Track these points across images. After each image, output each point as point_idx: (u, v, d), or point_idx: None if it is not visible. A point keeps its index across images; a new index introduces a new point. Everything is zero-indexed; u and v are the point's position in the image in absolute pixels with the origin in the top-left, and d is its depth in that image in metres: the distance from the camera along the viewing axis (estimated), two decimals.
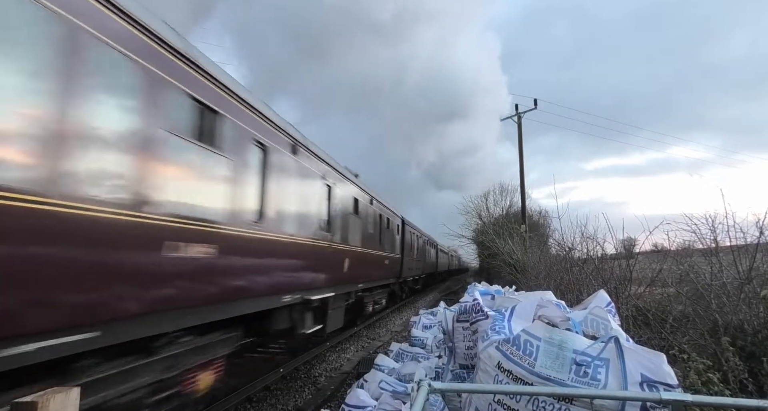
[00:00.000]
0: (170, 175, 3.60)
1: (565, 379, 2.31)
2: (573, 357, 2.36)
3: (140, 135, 3.26)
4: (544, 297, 3.29)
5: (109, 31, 2.95)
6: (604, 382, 2.27)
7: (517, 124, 22.20)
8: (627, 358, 2.32)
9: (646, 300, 5.49)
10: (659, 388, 2.20)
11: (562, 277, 7.25)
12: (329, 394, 6.22)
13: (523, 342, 2.50)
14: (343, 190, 8.93)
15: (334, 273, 8.03)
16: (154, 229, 3.37)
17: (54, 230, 2.58)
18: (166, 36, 3.53)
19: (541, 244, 13.90)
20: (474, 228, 38.41)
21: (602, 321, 2.81)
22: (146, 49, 3.33)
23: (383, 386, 3.96)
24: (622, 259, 6.38)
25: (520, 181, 21.93)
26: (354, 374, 6.93)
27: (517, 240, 14.51)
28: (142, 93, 3.29)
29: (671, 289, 5.49)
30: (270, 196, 5.31)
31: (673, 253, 5.99)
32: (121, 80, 3.14)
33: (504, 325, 2.84)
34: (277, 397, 6.24)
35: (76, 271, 2.74)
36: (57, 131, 2.61)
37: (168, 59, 3.58)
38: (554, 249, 10.22)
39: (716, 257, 4.83)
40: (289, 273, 6.03)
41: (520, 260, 12.24)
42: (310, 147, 6.96)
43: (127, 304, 3.16)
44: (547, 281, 7.76)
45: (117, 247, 3.03)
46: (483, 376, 2.62)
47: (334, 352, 9.24)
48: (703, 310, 4.38)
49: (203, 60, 4.14)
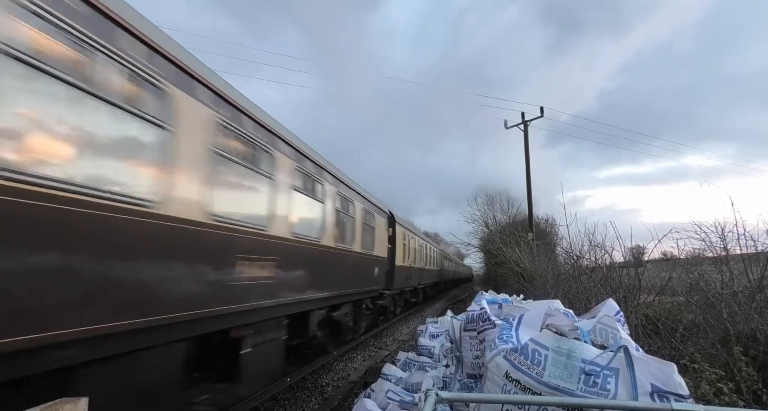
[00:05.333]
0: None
1: (573, 389, 2.29)
2: (582, 366, 2.34)
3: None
4: (552, 306, 3.27)
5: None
6: (614, 392, 2.24)
7: (523, 132, 22.22)
8: (637, 368, 2.30)
9: (655, 309, 5.42)
10: (670, 399, 2.17)
11: (570, 285, 7.19)
12: (336, 404, 6.18)
13: (531, 351, 2.48)
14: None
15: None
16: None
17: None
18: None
19: (548, 252, 13.82)
20: (481, 236, 38.33)
21: (611, 330, 2.78)
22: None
23: (390, 396, 3.94)
24: (631, 267, 6.32)
25: (527, 189, 21.87)
26: (361, 384, 6.89)
27: (525, 248, 14.42)
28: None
29: (681, 297, 5.43)
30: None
31: (683, 261, 5.93)
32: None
33: (511, 334, 2.82)
34: (285, 407, 6.22)
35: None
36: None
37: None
38: (562, 257, 10.16)
39: (726, 265, 4.78)
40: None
41: (527, 268, 12.17)
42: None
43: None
44: (554, 290, 7.70)
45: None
46: (491, 385, 2.60)
47: (341, 361, 9.21)
48: (714, 319, 4.32)
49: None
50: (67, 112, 2.74)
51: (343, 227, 8.33)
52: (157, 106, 3.50)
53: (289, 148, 6.02)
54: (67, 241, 2.70)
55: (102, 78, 2.97)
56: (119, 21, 3.14)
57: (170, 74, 3.69)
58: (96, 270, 2.91)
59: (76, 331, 2.74)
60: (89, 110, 2.89)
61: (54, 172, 2.62)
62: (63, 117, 2.72)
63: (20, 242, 2.44)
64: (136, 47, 3.30)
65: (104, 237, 2.96)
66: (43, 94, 2.60)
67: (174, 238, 3.66)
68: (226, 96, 4.52)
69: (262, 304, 5.10)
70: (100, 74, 2.96)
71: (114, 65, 3.09)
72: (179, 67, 3.81)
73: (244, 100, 5.02)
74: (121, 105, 3.11)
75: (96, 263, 2.90)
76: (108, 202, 2.97)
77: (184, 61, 3.89)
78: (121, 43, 3.16)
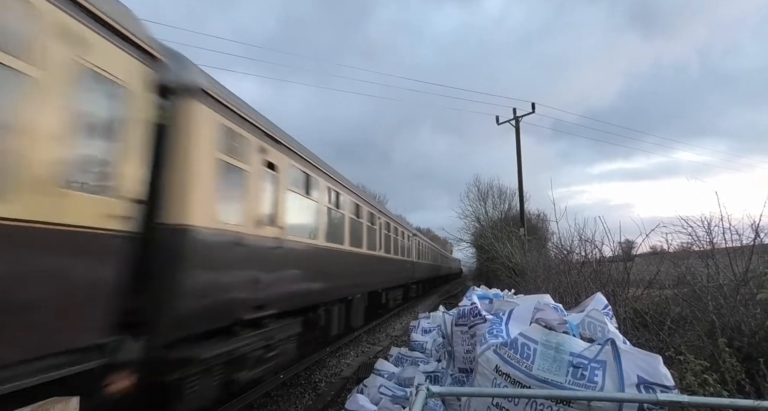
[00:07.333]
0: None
1: (562, 382, 2.33)
2: (570, 360, 2.38)
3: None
4: (542, 300, 3.32)
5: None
6: (601, 384, 2.29)
7: (515, 127, 22.31)
8: (623, 360, 2.35)
9: (644, 302, 5.51)
10: (656, 390, 2.22)
11: (561, 280, 7.27)
12: (329, 400, 6.21)
13: (520, 345, 2.52)
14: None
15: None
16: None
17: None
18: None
19: (540, 247, 13.94)
20: (473, 231, 38.52)
21: (599, 324, 2.83)
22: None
23: (383, 391, 3.98)
24: (620, 261, 6.41)
25: (519, 184, 22.01)
26: (354, 379, 6.92)
27: (516, 243, 14.54)
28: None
29: (669, 291, 5.52)
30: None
31: (670, 255, 6.03)
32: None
33: (502, 328, 2.86)
34: (278, 404, 6.23)
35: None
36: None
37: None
38: (553, 252, 10.26)
39: (712, 259, 4.86)
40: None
41: (519, 263, 12.27)
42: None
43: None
44: (545, 284, 7.78)
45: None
46: (481, 379, 2.64)
47: (334, 357, 9.24)
48: (701, 312, 4.39)
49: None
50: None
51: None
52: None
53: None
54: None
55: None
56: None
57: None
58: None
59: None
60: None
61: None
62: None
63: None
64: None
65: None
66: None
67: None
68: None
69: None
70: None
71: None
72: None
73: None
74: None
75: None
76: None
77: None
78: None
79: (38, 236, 2.59)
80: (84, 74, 2.94)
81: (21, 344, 2.50)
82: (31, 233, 2.54)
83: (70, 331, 2.88)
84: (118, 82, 3.23)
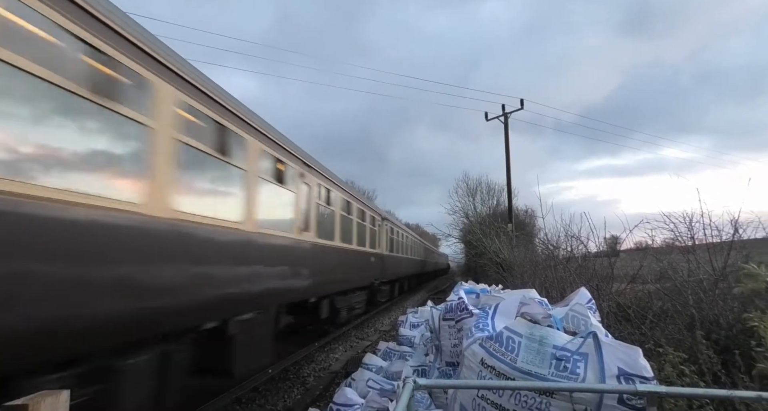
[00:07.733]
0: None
1: (545, 374, 2.39)
2: (553, 352, 2.44)
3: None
4: (527, 295, 3.38)
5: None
6: (583, 376, 2.35)
7: (504, 124, 22.46)
8: (605, 353, 2.41)
9: (627, 296, 5.63)
10: (635, 381, 2.29)
11: (547, 275, 7.38)
12: (318, 394, 6.25)
13: (505, 339, 2.58)
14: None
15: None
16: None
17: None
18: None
19: (527, 243, 14.11)
20: (461, 227, 38.79)
21: (582, 317, 2.90)
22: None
23: (371, 384, 4.02)
24: (605, 257, 6.52)
25: (507, 180, 22.19)
26: (343, 373, 6.97)
27: (504, 239, 14.69)
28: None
29: (651, 285, 5.64)
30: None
31: (653, 250, 6.15)
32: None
33: (487, 322, 2.91)
34: (266, 398, 6.25)
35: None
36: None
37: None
38: (540, 248, 10.39)
39: (693, 255, 4.98)
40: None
41: (506, 259, 12.41)
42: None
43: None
44: (532, 279, 7.89)
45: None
46: (467, 372, 2.69)
47: (322, 352, 9.27)
48: (681, 306, 4.51)
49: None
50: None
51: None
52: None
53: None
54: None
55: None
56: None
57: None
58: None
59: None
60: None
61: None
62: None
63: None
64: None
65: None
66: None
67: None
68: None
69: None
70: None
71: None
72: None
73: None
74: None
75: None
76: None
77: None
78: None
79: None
80: None
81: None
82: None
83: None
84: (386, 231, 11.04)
